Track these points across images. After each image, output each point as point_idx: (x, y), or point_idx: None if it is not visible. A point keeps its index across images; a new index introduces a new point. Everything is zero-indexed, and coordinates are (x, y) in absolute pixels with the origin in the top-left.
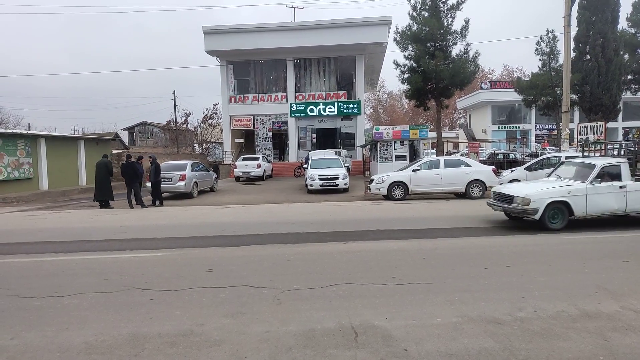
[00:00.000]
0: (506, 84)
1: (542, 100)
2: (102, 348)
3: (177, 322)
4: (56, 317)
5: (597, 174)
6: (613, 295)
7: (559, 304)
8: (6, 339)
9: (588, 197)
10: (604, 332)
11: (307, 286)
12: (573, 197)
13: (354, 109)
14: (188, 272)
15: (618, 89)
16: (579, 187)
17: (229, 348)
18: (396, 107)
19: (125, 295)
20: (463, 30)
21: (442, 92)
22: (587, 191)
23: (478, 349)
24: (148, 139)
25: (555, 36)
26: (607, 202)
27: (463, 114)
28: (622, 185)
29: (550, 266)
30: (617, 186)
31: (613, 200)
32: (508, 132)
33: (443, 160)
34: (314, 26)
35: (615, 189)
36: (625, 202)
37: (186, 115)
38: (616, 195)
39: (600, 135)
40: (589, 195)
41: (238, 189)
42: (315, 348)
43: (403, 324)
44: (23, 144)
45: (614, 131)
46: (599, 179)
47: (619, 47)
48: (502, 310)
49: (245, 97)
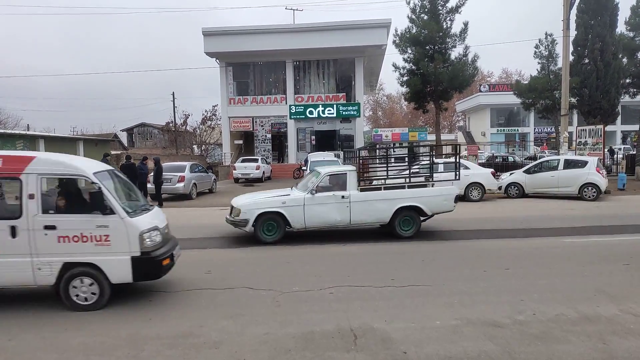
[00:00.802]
0: (505, 87)
1: (540, 104)
2: (100, 349)
3: (176, 324)
4: (54, 319)
5: (319, 183)
6: (612, 298)
7: (559, 307)
8: (4, 339)
9: (306, 208)
10: (604, 335)
11: (306, 288)
12: (288, 208)
13: (353, 111)
14: (187, 274)
15: (616, 92)
16: (296, 198)
17: (227, 349)
18: (395, 109)
19: (124, 297)
20: (462, 33)
21: (441, 94)
22: (304, 201)
23: (477, 352)
24: (147, 140)
25: (554, 39)
26: (327, 213)
27: (462, 116)
28: (344, 195)
29: (550, 269)
30: (339, 196)
31: (335, 211)
32: (507, 135)
33: (442, 162)
34: (313, 28)
35: (337, 199)
36: (349, 214)
37: (185, 116)
38: (338, 206)
39: (599, 139)
40: (306, 206)
41: (237, 191)
42: (314, 350)
43: (402, 327)
44: (22, 145)
45: (612, 134)
46: (322, 189)
47: (617, 51)
48: (502, 313)
49: (245, 99)
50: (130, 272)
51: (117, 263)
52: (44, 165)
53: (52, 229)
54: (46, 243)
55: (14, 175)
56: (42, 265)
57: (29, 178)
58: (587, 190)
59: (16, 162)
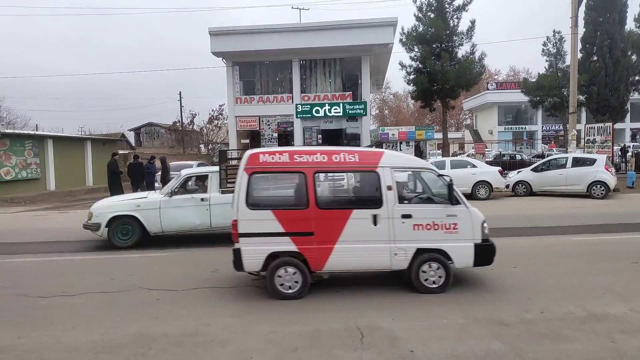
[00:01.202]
0: (512, 85)
1: (548, 101)
2: (108, 347)
3: (183, 322)
4: (63, 317)
5: (178, 185)
6: (621, 297)
7: (567, 306)
8: (13, 337)
9: (162, 211)
10: (612, 334)
11: (313, 287)
12: (143, 211)
13: (360, 110)
14: (194, 272)
15: (625, 90)
16: (151, 201)
17: (234, 348)
18: (402, 108)
19: (132, 295)
20: (469, 31)
21: (448, 93)
22: (160, 204)
23: (485, 351)
24: (154, 140)
25: (562, 37)
26: (185, 217)
27: (469, 114)
28: (204, 198)
29: (558, 268)
30: (198, 199)
31: (194, 214)
32: (514, 133)
33: (449, 161)
34: (319, 27)
35: (196, 202)
36: (209, 217)
37: (192, 116)
38: (197, 209)
39: (608, 136)
40: (163, 209)
41: None
42: (321, 349)
43: (409, 325)
44: (30, 145)
45: (621, 132)
46: (181, 191)
47: (626, 48)
48: (509, 312)
49: (251, 98)
50: (472, 257)
51: (462, 249)
52: (392, 160)
53: (408, 217)
54: (403, 230)
55: (371, 169)
56: (398, 251)
57: (384, 171)
58: (596, 188)
59: (370, 157)
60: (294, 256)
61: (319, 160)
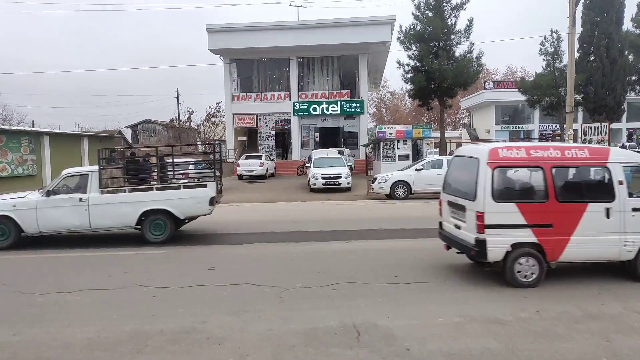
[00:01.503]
0: (510, 84)
1: (545, 101)
2: (104, 344)
3: (180, 320)
4: (59, 314)
5: (57, 184)
6: (617, 296)
7: (562, 305)
8: (9, 334)
9: (39, 212)
10: (607, 333)
11: (310, 285)
12: (19, 211)
13: (357, 108)
14: (191, 270)
15: (622, 89)
16: (28, 200)
17: (231, 346)
18: (399, 106)
19: (128, 292)
20: (467, 30)
21: (446, 91)
22: (37, 204)
23: (480, 349)
24: (151, 137)
25: (559, 36)
26: (63, 217)
27: (466, 113)
28: (82, 198)
29: (553, 266)
30: (76, 199)
31: (72, 214)
32: (511, 132)
33: (446, 159)
34: (317, 25)
35: (74, 202)
36: (88, 218)
37: (189, 113)
38: (75, 209)
39: (604, 136)
40: (39, 209)
41: (241, 188)
42: (318, 347)
43: (405, 324)
44: (27, 141)
45: (618, 132)
46: (60, 191)
47: (623, 48)
48: (505, 311)
49: (249, 96)
50: None
51: None
52: (620, 156)
53: (638, 210)
54: (633, 223)
55: (602, 164)
56: (628, 242)
57: (615, 166)
58: None
59: (599, 153)
60: (533, 247)
61: (553, 155)
